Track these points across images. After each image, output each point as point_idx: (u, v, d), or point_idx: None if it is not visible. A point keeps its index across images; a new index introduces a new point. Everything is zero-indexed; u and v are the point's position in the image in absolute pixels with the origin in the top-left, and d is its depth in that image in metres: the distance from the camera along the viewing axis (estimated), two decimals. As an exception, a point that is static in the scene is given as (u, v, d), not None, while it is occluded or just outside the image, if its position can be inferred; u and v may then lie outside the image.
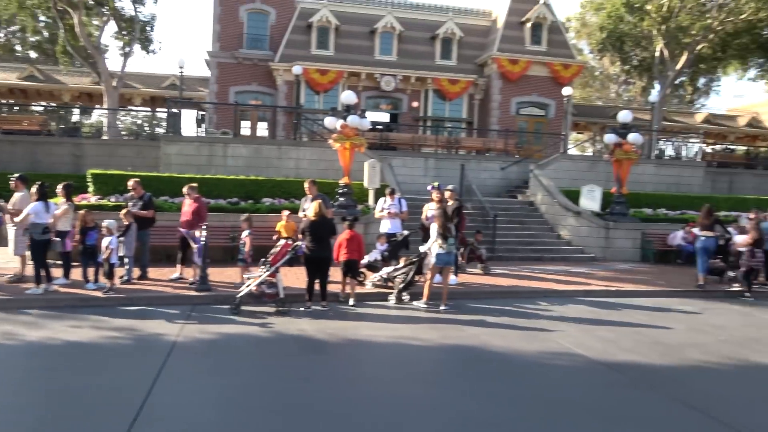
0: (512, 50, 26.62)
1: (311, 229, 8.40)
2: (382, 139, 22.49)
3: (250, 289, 8.11)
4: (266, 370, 5.79)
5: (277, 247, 8.40)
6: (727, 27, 25.38)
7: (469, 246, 12.30)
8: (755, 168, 25.99)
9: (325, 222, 8.56)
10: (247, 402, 4.86)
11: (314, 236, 8.38)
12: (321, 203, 8.66)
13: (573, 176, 18.69)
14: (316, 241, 8.38)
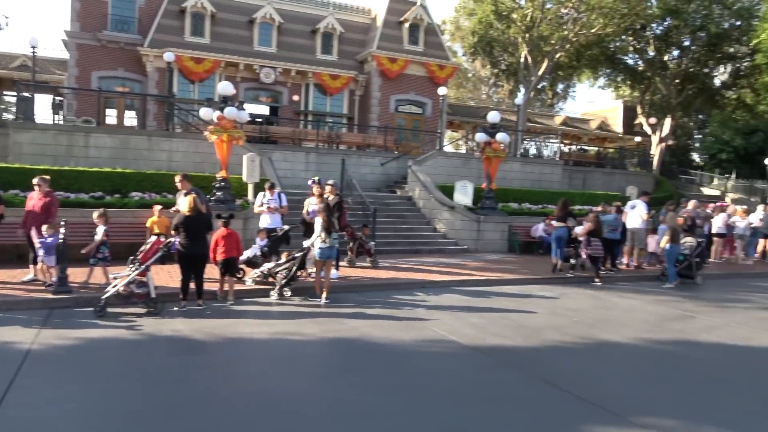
0: (391, 49, 27.27)
1: (185, 224, 8.02)
2: (262, 133, 21.99)
3: (118, 290, 7.57)
4: (135, 374, 5.45)
5: (148, 244, 7.92)
6: (580, 39, 27.99)
7: (358, 240, 12.48)
8: (604, 167, 29.00)
9: (200, 217, 8.21)
10: (109, 410, 4.55)
11: (189, 232, 8.01)
12: (195, 197, 8.30)
13: (448, 172, 19.62)
14: (191, 237, 8.02)
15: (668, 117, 31.67)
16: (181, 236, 7.97)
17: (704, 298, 10.93)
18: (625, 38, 30.15)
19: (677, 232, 12.25)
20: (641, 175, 28.35)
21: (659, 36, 29.90)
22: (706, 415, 4.93)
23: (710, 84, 31.80)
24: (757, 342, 7.67)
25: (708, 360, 6.79)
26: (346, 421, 4.51)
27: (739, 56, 30.26)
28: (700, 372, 6.30)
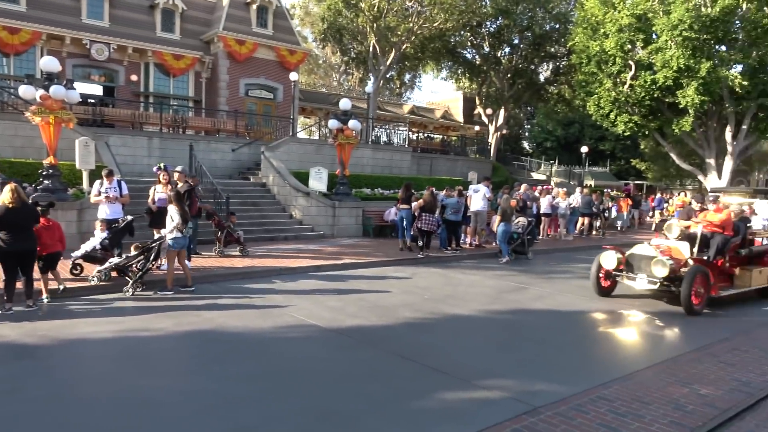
0: (239, 30, 26.26)
1: (7, 218, 7.09)
2: (96, 115, 20.00)
3: None
4: (-46, 389, 4.76)
5: None
6: (424, 32, 29.39)
7: (226, 229, 12.03)
8: (449, 154, 30.95)
9: (24, 208, 7.30)
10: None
11: (12, 226, 7.10)
12: (17, 186, 7.37)
13: (302, 158, 19.58)
14: (16, 231, 7.12)
15: (502, 108, 34.63)
16: (2, 231, 7.03)
17: (535, 271, 12.27)
18: (463, 34, 32.26)
19: (507, 213, 13.50)
20: (481, 161, 30.71)
21: (493, 33, 32.47)
22: (538, 373, 5.60)
23: (536, 79, 35.33)
24: (578, 307, 8.83)
25: (538, 325, 7.67)
26: (208, 413, 4.40)
27: (559, 56, 33.99)
28: (532, 336, 7.11)
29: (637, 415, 4.53)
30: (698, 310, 8.36)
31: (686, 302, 8.20)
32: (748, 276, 9.47)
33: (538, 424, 4.30)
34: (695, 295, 8.31)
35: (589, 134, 40.22)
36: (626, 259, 9.25)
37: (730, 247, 9.34)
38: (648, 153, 37.09)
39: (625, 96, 23.75)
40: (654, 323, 8.01)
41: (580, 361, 6.06)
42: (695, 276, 8.28)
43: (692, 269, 8.37)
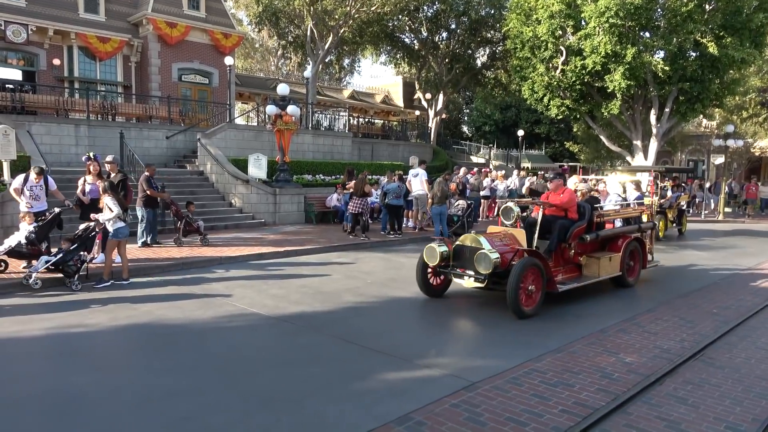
0: (169, 12, 25.22)
1: None
2: (15, 101, 18.81)
3: None
4: None
5: None
6: (362, 16, 29.23)
7: (184, 218, 11.73)
8: (390, 138, 31.07)
9: None
10: None
11: None
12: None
13: (240, 145, 19.18)
14: None
15: (441, 93, 35.02)
16: None
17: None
18: (401, 18, 32.29)
19: (439, 196, 13.68)
20: (421, 146, 31.04)
21: (430, 18, 32.69)
22: (477, 351, 5.81)
23: (473, 64, 35.88)
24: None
25: (478, 303, 7.91)
26: (146, 406, 4.32)
27: (495, 41, 34.63)
28: (471, 315, 7.33)
29: (567, 385, 4.79)
30: (530, 312, 6.97)
31: (513, 303, 6.78)
32: (596, 264, 8.34)
33: (476, 398, 4.47)
34: (525, 293, 6.95)
35: (526, 118, 41.33)
36: (454, 252, 7.75)
37: (574, 233, 8.09)
38: (580, 136, 38.50)
39: (557, 80, 24.52)
40: (583, 297, 8.42)
41: (516, 337, 6.32)
42: (523, 271, 6.80)
43: (518, 264, 6.86)
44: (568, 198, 8.26)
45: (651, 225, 10.05)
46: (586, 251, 8.48)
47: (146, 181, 11.44)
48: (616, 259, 8.66)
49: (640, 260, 9.37)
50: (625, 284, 8.95)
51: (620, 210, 9.72)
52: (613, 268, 8.60)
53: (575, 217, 8.21)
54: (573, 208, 8.23)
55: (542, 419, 4.14)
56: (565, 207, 8.21)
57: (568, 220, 8.13)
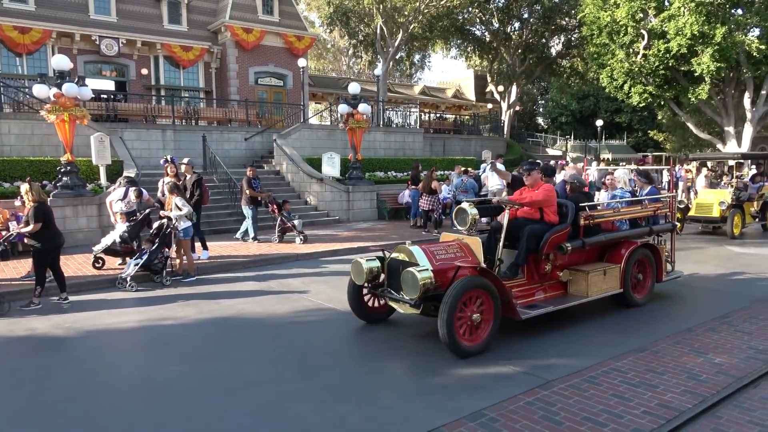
0: (245, 19, 26.25)
1: (47, 213, 7.37)
2: (109, 110, 20.25)
3: None
4: (-12, 380, 4.99)
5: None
6: (431, 10, 29.11)
7: (280, 216, 12.31)
8: (462, 133, 30.80)
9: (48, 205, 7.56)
10: (-33, 420, 4.16)
11: (50, 221, 7.41)
12: (36, 184, 7.61)
13: (314, 144, 19.66)
14: (52, 226, 7.44)
15: (514, 85, 34.26)
16: (39, 227, 7.23)
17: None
18: (471, 10, 31.86)
19: None
20: (494, 139, 30.52)
21: (502, 8, 32.02)
22: (552, 349, 5.66)
23: (548, 54, 34.83)
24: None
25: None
26: (229, 393, 4.55)
27: (570, 28, 33.44)
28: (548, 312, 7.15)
29: (649, 385, 4.58)
30: (474, 349, 5.29)
31: (446, 338, 5.09)
32: (584, 280, 6.42)
33: (551, 396, 4.37)
34: (469, 324, 5.29)
35: (605, 107, 39.67)
36: (388, 268, 6.00)
37: (549, 241, 6.20)
38: (665, 124, 36.50)
39: (638, 66, 23.34)
40: (673, 294, 7.99)
41: (593, 336, 6.10)
42: (459, 296, 5.10)
43: (454, 287, 5.12)
44: (542, 196, 6.34)
45: (669, 227, 8.08)
46: (573, 263, 6.64)
47: (247, 182, 12.10)
48: (613, 272, 6.74)
49: (653, 272, 7.33)
50: (629, 303, 7.01)
51: (621, 209, 7.54)
52: (609, 284, 6.68)
53: (554, 219, 6.38)
54: (551, 209, 6.41)
55: (622, 420, 3.99)
56: (539, 206, 6.39)
57: (543, 224, 6.33)
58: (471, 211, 6.31)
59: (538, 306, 6.05)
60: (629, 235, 7.35)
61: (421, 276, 5.27)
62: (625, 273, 6.85)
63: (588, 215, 6.64)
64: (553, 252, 6.34)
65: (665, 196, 8.54)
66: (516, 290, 6.06)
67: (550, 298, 6.36)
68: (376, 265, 6.06)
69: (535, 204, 6.38)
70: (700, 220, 13.78)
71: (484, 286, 5.36)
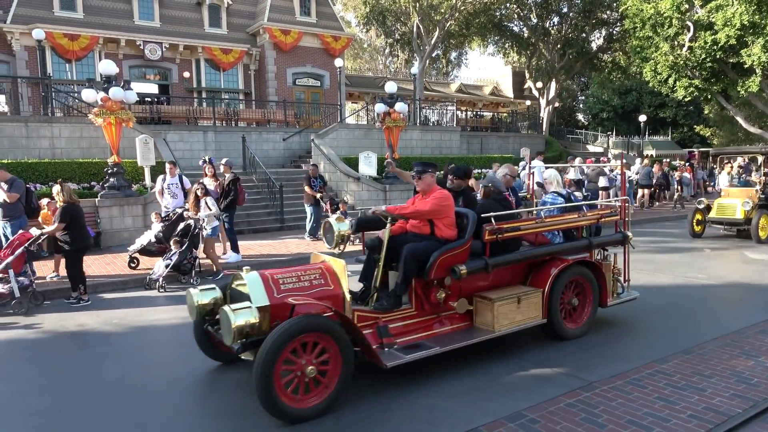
0: (283, 20, 26.61)
1: (79, 214, 7.64)
2: (153, 113, 20.86)
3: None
4: (42, 371, 5.21)
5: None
6: (468, 7, 28.86)
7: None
8: (499, 131, 30.43)
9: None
10: (19, 409, 4.36)
11: (81, 221, 7.67)
12: (68, 186, 7.89)
13: (351, 144, 19.77)
14: (83, 227, 7.71)
15: (553, 80, 33.63)
16: (72, 227, 7.51)
17: (591, 246, 11.98)
18: (509, 6, 31.44)
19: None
20: (533, 137, 30.04)
21: (540, 3, 31.46)
22: (593, 350, 5.53)
23: (588, 48, 34.05)
24: (637, 281, 8.57)
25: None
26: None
27: (611, 22, 32.59)
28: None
29: (696, 388, 4.43)
30: (303, 412, 4.05)
31: (262, 398, 3.90)
32: (489, 310, 5.18)
33: (593, 398, 4.28)
34: (300, 379, 4.06)
35: (648, 102, 38.55)
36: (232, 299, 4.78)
37: (438, 262, 4.93)
38: (712, 118, 35.24)
39: (683, 59, 22.58)
40: (720, 294, 7.71)
41: (637, 337, 5.94)
42: (281, 346, 3.89)
43: (274, 333, 3.92)
44: (430, 205, 5.05)
45: (618, 238, 6.48)
46: (481, 287, 5.40)
47: (306, 180, 12.30)
48: (533, 298, 5.42)
49: (594, 295, 5.95)
50: (559, 336, 5.68)
51: (546, 218, 5.90)
52: (528, 314, 5.38)
53: (449, 234, 5.12)
54: (445, 221, 5.11)
55: (668, 424, 3.87)
56: (426, 218, 5.14)
57: (433, 240, 5.06)
58: (338, 226, 5.25)
59: (423, 346, 4.79)
60: (557, 250, 5.86)
61: (236, 319, 4.07)
62: (549, 298, 5.52)
63: (495, 228, 5.22)
64: (449, 276, 5.07)
65: (608, 202, 7.14)
66: (399, 325, 4.93)
67: (448, 333, 5.12)
68: (211, 297, 4.77)
69: (419, 215, 5.13)
70: (722, 223, 12.73)
71: (324, 329, 4.08)
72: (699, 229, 13.07)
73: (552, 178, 6.58)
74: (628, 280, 6.70)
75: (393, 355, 4.58)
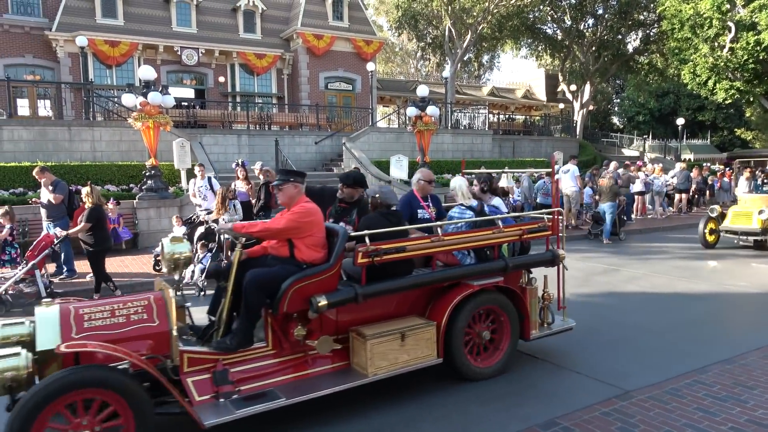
0: (316, 25, 26.90)
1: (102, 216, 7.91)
2: (189, 117, 21.32)
3: (5, 290, 7.31)
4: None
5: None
6: (501, 10, 28.68)
7: None
8: (532, 134, 30.10)
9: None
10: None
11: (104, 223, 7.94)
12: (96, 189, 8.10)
13: (382, 147, 19.83)
14: (106, 228, 7.98)
15: (587, 83, 33.12)
16: (96, 229, 7.71)
17: (627, 252, 11.76)
18: (543, 8, 31.12)
19: (613, 192, 12.94)
20: (566, 140, 29.62)
21: (574, 5, 31.06)
22: (630, 357, 5.43)
23: (624, 50, 33.43)
24: (676, 288, 8.39)
25: (630, 308, 7.37)
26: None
27: (648, 23, 31.94)
28: (624, 319, 6.85)
29: (738, 400, 4.30)
30: None
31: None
32: (362, 349, 4.23)
33: (630, 408, 4.19)
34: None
35: (686, 104, 37.64)
36: None
37: (291, 294, 4.06)
38: (755, 121, 34.16)
39: (724, 61, 21.97)
40: (762, 303, 7.47)
41: (676, 344, 5.79)
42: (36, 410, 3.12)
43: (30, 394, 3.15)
44: (286, 222, 4.24)
45: (547, 257, 5.40)
46: (358, 321, 4.42)
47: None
48: (424, 333, 4.46)
49: (513, 327, 4.98)
50: (465, 376, 4.74)
51: (444, 236, 4.70)
52: (417, 353, 4.42)
53: (312, 257, 4.27)
54: (306, 241, 4.26)
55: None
56: (283, 238, 4.33)
57: (292, 264, 4.24)
58: (172, 248, 4.27)
59: (270, 396, 3.89)
60: (460, 274, 4.81)
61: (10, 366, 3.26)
62: (448, 333, 4.60)
63: (370, 250, 4.23)
64: (303, 308, 4.12)
65: (541, 213, 5.74)
66: (249, 367, 4.06)
67: (316, 377, 4.19)
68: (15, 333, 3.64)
69: (271, 234, 4.31)
70: (736, 232, 11.64)
71: (107, 384, 3.28)
72: (712, 239, 12.04)
73: (457, 189, 5.48)
74: (564, 306, 5.68)
75: (223, 409, 3.69)
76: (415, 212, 5.37)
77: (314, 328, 4.26)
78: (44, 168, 9.24)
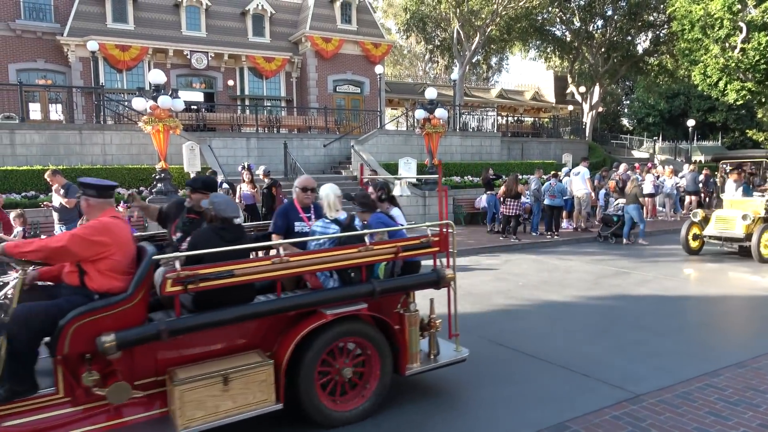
0: (325, 28, 26.98)
1: None
2: (199, 120, 21.45)
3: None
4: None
5: None
6: (509, 12, 28.61)
7: None
8: (541, 136, 30.00)
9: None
10: None
11: None
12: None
13: (390, 150, 19.83)
14: None
15: (597, 85, 32.97)
16: None
17: (637, 254, 11.67)
18: (551, 10, 31.02)
19: (634, 195, 12.83)
20: (575, 142, 29.49)
21: (583, 6, 30.94)
22: (641, 361, 5.39)
23: (634, 51, 33.25)
24: (687, 291, 8.33)
25: (641, 311, 7.32)
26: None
27: (658, 24, 31.76)
28: (634, 322, 6.81)
29: (750, 404, 4.25)
30: None
31: None
32: (172, 396, 3.48)
33: (640, 411, 4.16)
34: None
35: (697, 106, 37.35)
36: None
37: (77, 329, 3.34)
38: (767, 122, 33.82)
39: (735, 61, 21.80)
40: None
41: (687, 347, 5.74)
42: None
43: None
44: (68, 240, 3.45)
45: (431, 278, 4.79)
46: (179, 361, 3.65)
47: None
48: (255, 375, 3.67)
49: (384, 362, 4.24)
50: (317, 422, 3.96)
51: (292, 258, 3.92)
52: (245, 399, 3.63)
53: (113, 285, 3.55)
54: (99, 266, 3.54)
55: (720, 440, 3.73)
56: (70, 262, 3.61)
57: (81, 295, 3.53)
58: None
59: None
60: (309, 302, 4.04)
61: None
62: (292, 372, 3.85)
63: (182, 276, 3.46)
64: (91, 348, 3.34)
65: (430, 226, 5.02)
66: (30, 420, 3.29)
67: (129, 426, 3.46)
68: None
69: (45, 254, 3.39)
70: (720, 238, 10.96)
71: None
72: (696, 245, 11.35)
73: (324, 199, 4.58)
74: (457, 334, 4.93)
75: None
76: (291, 225, 4.75)
77: (122, 370, 3.44)
78: (56, 171, 9.34)
